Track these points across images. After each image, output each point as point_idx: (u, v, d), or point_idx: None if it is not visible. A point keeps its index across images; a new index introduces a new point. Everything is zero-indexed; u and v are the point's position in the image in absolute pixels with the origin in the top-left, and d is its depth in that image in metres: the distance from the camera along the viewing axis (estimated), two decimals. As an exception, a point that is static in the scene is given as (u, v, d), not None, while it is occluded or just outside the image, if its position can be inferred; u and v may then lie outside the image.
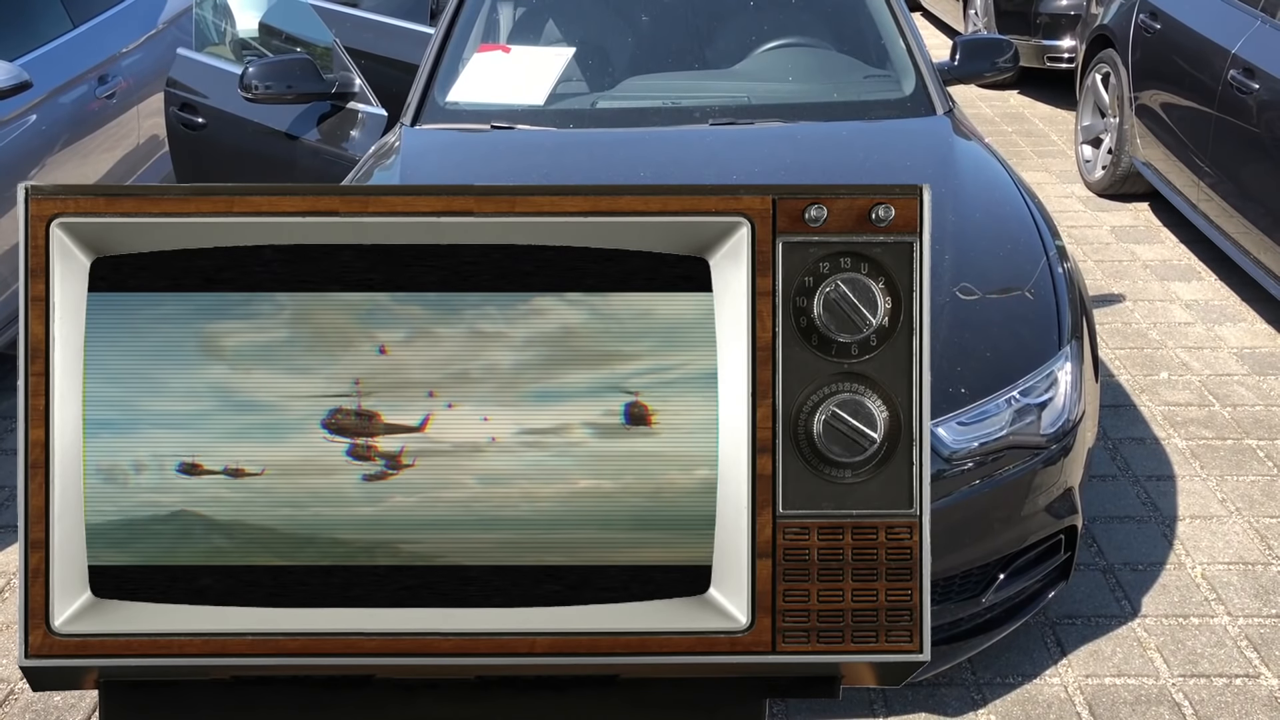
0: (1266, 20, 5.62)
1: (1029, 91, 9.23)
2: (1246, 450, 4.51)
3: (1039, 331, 3.29)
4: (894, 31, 4.56)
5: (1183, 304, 5.72)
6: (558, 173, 3.94)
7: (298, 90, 4.64)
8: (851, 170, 3.92)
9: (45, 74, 5.22)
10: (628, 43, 4.72)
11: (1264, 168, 5.37)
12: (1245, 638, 3.55)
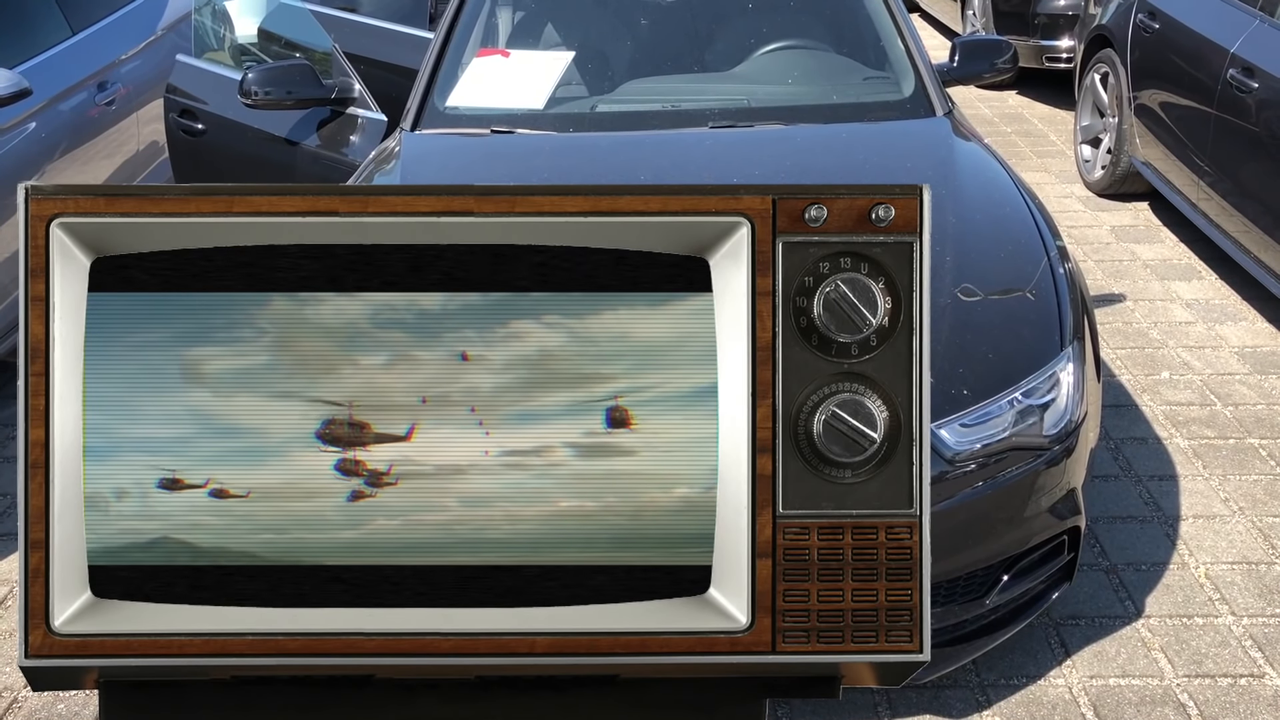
0: (1265, 19, 5.62)
1: (1028, 92, 9.23)
2: (1249, 449, 4.51)
3: (1041, 332, 3.29)
4: (893, 33, 4.55)
5: (1183, 303, 5.72)
6: (557, 177, 3.94)
7: (297, 96, 4.65)
8: (851, 172, 3.91)
9: (45, 81, 5.22)
10: (627, 46, 4.72)
11: (1264, 166, 5.37)
12: (1250, 637, 3.55)
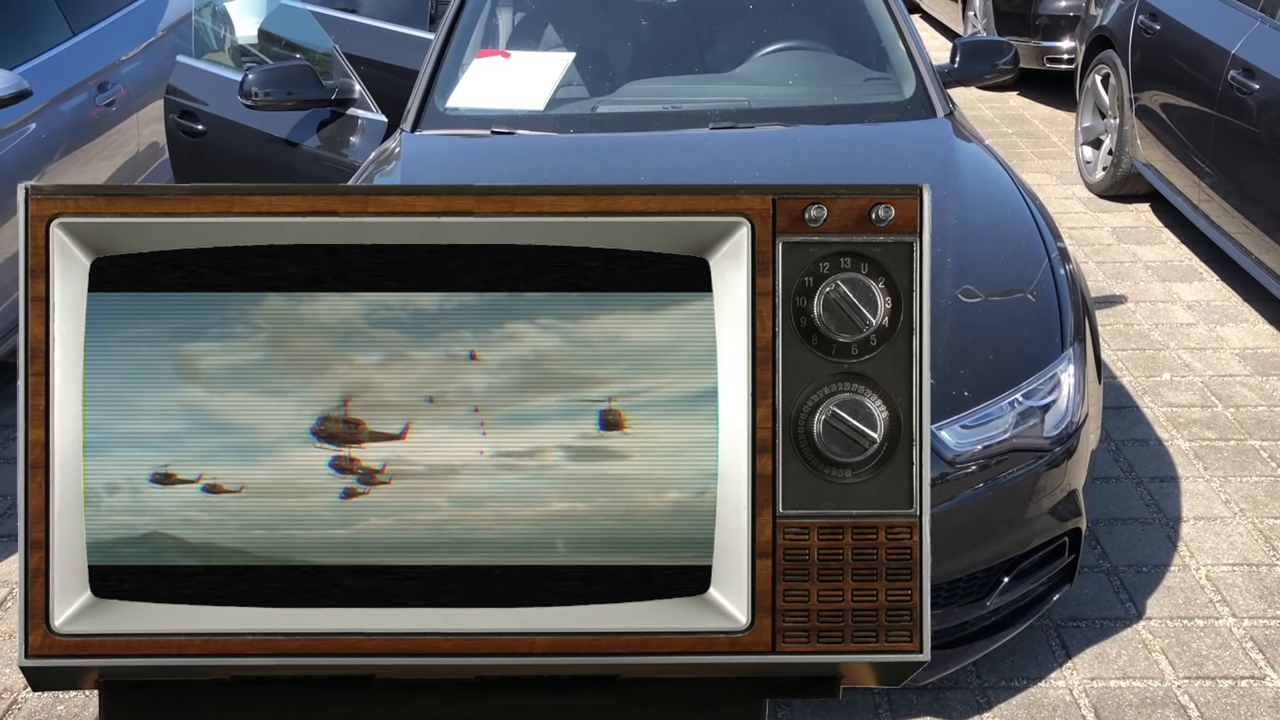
0: (1266, 20, 5.62)
1: (1029, 93, 9.23)
2: (1250, 451, 4.50)
3: (1041, 334, 3.29)
4: (893, 34, 4.55)
5: (1184, 305, 5.72)
6: (558, 178, 3.94)
7: (297, 97, 4.64)
8: (852, 173, 3.91)
9: (45, 82, 5.22)
10: (627, 47, 4.72)
11: (1265, 168, 5.37)
12: (1250, 639, 3.54)
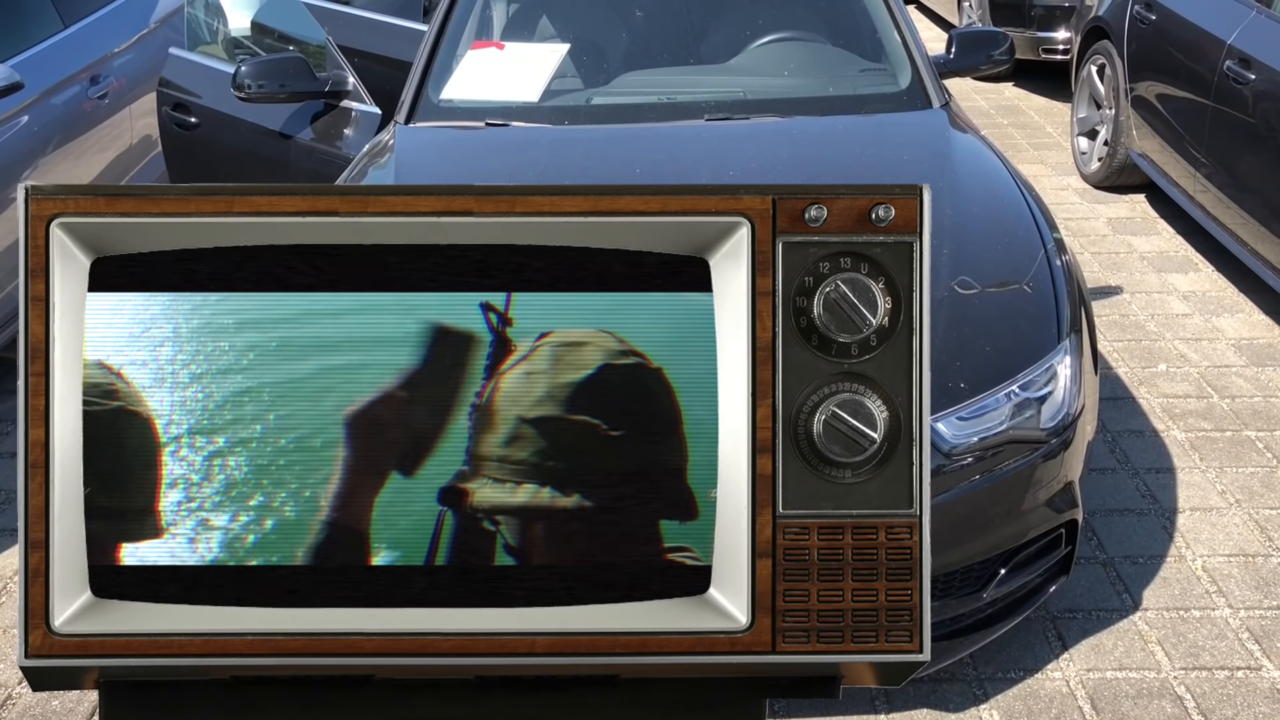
0: (1262, 11, 5.62)
1: (1024, 84, 9.23)
2: (1245, 441, 4.51)
3: (1038, 325, 3.29)
4: (889, 25, 4.55)
5: (1180, 296, 5.72)
6: (553, 170, 3.93)
7: (291, 89, 4.63)
8: (848, 165, 3.91)
9: (37, 75, 5.21)
10: (622, 38, 4.71)
11: (1260, 159, 5.37)
12: (1246, 630, 3.55)
